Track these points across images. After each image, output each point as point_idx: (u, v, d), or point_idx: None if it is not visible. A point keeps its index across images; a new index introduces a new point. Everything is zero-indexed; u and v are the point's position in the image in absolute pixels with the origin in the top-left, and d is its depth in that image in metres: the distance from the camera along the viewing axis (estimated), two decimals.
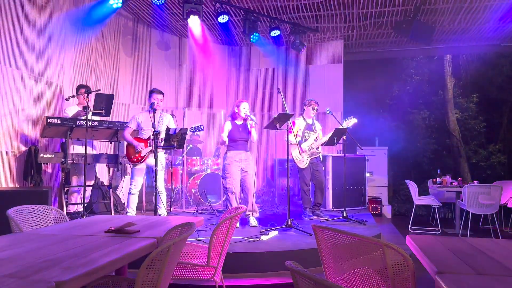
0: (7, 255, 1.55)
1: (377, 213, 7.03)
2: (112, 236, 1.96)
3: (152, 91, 4.60)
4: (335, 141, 5.02)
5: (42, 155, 4.46)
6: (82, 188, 4.62)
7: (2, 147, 4.53)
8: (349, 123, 5.18)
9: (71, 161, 4.58)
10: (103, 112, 4.52)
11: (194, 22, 6.15)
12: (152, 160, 4.49)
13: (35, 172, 4.68)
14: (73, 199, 5.03)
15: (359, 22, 7.02)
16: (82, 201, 4.59)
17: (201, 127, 5.02)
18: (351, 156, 6.51)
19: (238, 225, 4.46)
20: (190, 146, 6.81)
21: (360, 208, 6.50)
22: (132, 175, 4.57)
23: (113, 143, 5.28)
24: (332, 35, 7.45)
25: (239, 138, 4.61)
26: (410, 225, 6.25)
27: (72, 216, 4.67)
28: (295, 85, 7.93)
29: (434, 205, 6.14)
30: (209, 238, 2.42)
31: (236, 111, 4.65)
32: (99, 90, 4.60)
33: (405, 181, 6.59)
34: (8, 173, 4.61)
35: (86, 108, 4.41)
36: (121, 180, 5.98)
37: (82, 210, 4.58)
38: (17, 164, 4.71)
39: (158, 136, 4.05)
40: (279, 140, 7.64)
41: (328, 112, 5.20)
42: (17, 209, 2.30)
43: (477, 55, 10.61)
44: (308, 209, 5.24)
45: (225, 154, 4.66)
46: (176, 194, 6.41)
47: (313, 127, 5.34)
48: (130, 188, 4.56)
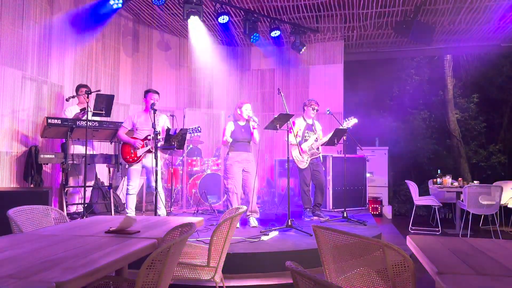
0: (7, 255, 1.55)
1: (377, 213, 7.04)
2: (112, 236, 1.97)
3: (149, 91, 4.59)
4: (336, 142, 5.01)
5: (42, 156, 4.47)
6: (82, 188, 4.62)
7: (2, 148, 4.53)
8: (349, 123, 5.18)
9: (71, 162, 4.59)
10: (104, 112, 4.53)
11: (195, 23, 6.15)
12: (148, 161, 4.50)
13: (36, 173, 4.69)
14: (72, 199, 5.03)
15: (359, 23, 7.02)
16: (83, 202, 4.59)
17: (198, 128, 5.01)
18: (351, 156, 6.51)
19: (239, 225, 4.46)
20: (190, 146, 6.81)
21: (360, 208, 6.50)
22: (129, 176, 4.57)
23: (113, 143, 5.29)
24: (332, 35, 7.45)
25: (241, 139, 4.61)
26: (410, 226, 6.25)
27: (72, 216, 4.67)
28: (295, 85, 7.93)
29: (435, 206, 6.14)
30: (209, 238, 2.42)
31: (239, 112, 4.65)
32: (99, 90, 4.61)
33: (406, 181, 6.59)
34: (9, 173, 4.61)
35: (84, 109, 4.41)
36: (121, 181, 5.97)
37: (82, 210, 4.58)
38: (17, 165, 4.71)
39: (157, 136, 4.05)
40: (279, 140, 7.64)
41: (328, 112, 5.20)
42: (17, 210, 2.30)
43: (477, 55, 10.59)
44: (308, 209, 5.24)
45: (227, 154, 4.66)
46: (176, 194, 6.41)
47: (313, 127, 5.34)
48: (127, 188, 4.57)
